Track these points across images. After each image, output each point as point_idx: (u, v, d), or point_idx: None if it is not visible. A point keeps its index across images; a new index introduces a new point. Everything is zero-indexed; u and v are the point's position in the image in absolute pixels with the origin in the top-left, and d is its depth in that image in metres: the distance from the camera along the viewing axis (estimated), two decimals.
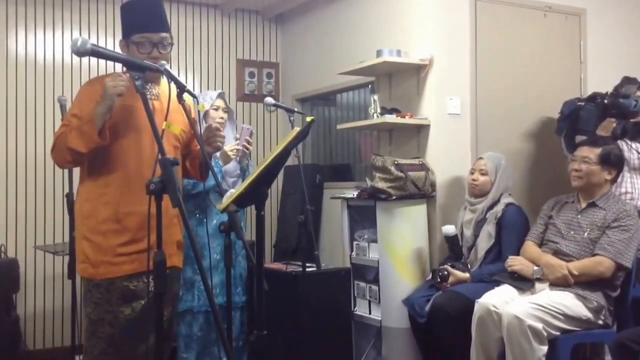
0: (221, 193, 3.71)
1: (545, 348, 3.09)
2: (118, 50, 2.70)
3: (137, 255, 2.51)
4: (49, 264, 4.86)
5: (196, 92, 5.09)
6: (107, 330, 2.56)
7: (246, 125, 3.90)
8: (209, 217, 3.71)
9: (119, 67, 2.74)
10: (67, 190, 3.92)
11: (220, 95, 3.97)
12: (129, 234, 2.53)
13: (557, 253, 3.41)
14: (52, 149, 2.59)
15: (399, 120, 4.09)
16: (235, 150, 3.76)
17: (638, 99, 3.73)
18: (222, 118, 3.90)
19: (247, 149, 3.81)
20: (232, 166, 3.86)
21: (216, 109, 3.89)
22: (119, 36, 2.70)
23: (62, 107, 3.95)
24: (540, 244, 3.53)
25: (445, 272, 3.62)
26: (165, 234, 2.60)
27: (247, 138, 3.80)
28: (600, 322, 3.26)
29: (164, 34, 2.62)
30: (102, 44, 4.95)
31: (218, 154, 3.76)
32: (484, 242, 3.69)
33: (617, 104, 3.78)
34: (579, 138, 3.85)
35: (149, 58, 2.54)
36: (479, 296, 3.33)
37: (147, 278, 2.56)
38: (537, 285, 3.37)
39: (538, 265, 3.38)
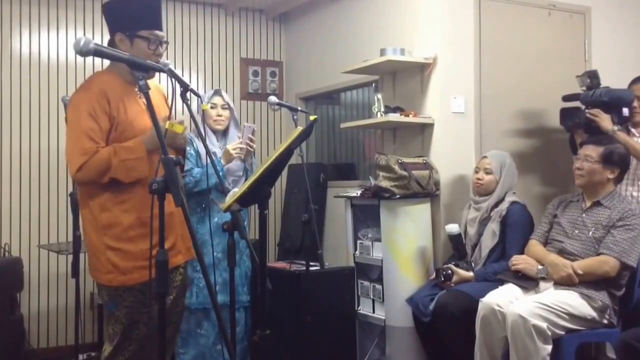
0: (223, 192, 3.72)
1: (549, 347, 3.08)
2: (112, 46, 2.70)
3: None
4: (52, 262, 4.87)
5: (200, 91, 5.10)
6: (142, 331, 2.58)
7: (248, 124, 3.87)
8: (210, 215, 3.71)
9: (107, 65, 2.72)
10: (70, 189, 3.93)
11: (217, 93, 3.94)
12: (156, 236, 2.52)
13: (561, 252, 3.40)
14: (80, 169, 2.49)
15: (402, 119, 4.08)
16: (238, 149, 3.74)
17: (595, 91, 3.75)
18: (220, 115, 3.87)
19: (251, 147, 3.78)
20: (235, 165, 3.85)
21: (213, 107, 3.87)
22: None
23: (66, 107, 3.95)
24: (545, 243, 3.52)
25: (449, 271, 3.62)
26: (182, 228, 2.64)
27: (250, 136, 3.76)
28: (605, 321, 3.25)
29: (164, 33, 2.66)
30: (105, 44, 4.94)
31: (221, 152, 3.76)
32: (488, 241, 3.68)
33: (581, 96, 3.85)
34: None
35: (154, 55, 2.57)
36: (483, 295, 3.32)
37: (174, 273, 2.69)
38: (542, 284, 3.36)
39: (542, 264, 3.37)
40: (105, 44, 2.30)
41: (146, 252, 2.53)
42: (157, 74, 2.44)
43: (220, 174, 3.65)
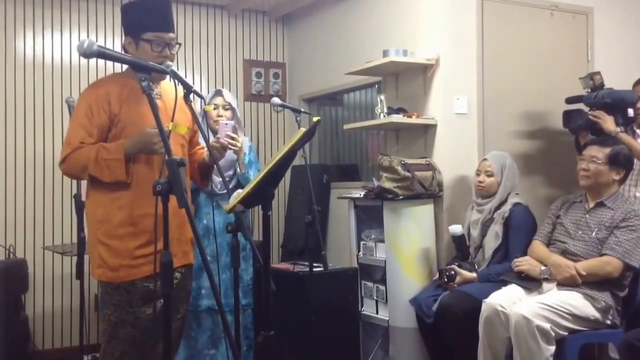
0: (208, 193, 3.72)
1: (553, 348, 3.08)
2: (122, 49, 2.72)
3: (157, 256, 2.53)
4: (57, 264, 4.89)
5: (203, 92, 5.10)
6: (129, 331, 2.58)
7: (225, 121, 3.75)
8: (198, 217, 3.71)
9: (125, 68, 2.73)
10: (75, 190, 3.94)
11: (218, 93, 3.93)
12: (145, 236, 2.54)
13: (564, 253, 3.40)
14: (63, 161, 2.58)
15: (405, 120, 4.08)
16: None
17: (598, 92, 3.76)
18: (220, 116, 3.85)
19: (234, 145, 3.71)
20: (225, 163, 3.81)
21: (215, 108, 3.86)
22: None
23: (70, 108, 3.97)
24: (548, 244, 3.52)
25: (452, 272, 3.62)
26: (178, 232, 2.65)
27: (229, 134, 3.66)
28: (608, 322, 3.25)
29: (173, 35, 2.65)
30: (109, 45, 4.97)
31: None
32: (491, 242, 3.68)
33: (584, 98, 3.86)
34: None
35: (160, 57, 2.58)
36: (486, 296, 3.32)
37: None
38: (545, 285, 3.36)
39: (546, 265, 3.37)
40: (109, 46, 2.32)
41: (133, 251, 2.56)
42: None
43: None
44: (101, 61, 4.75)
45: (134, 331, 2.57)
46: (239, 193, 2.38)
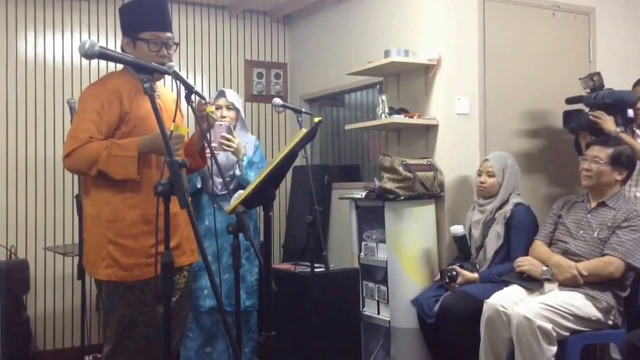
0: (209, 193, 3.73)
1: (554, 348, 3.08)
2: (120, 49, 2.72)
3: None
4: (58, 264, 4.88)
5: (204, 93, 5.11)
6: (142, 331, 2.57)
7: (219, 122, 3.64)
8: (200, 218, 3.71)
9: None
10: (76, 191, 3.94)
11: (221, 94, 3.91)
12: (159, 235, 2.54)
13: (566, 253, 3.39)
14: (68, 155, 2.54)
15: (407, 120, 4.08)
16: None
17: (598, 93, 3.76)
18: (224, 117, 3.83)
19: (229, 146, 3.60)
20: (228, 165, 3.81)
21: (218, 109, 3.85)
22: None
23: (72, 109, 3.97)
24: (550, 244, 3.52)
25: (454, 273, 3.62)
26: (188, 229, 2.64)
27: (224, 134, 3.57)
28: (610, 322, 3.25)
29: (170, 34, 2.65)
30: (110, 46, 4.97)
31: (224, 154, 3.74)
32: (493, 242, 3.68)
33: (584, 98, 3.87)
34: None
35: (157, 56, 2.58)
36: (488, 296, 3.32)
37: (178, 275, 2.65)
38: (546, 285, 3.36)
39: (547, 266, 3.37)
40: (110, 47, 2.32)
41: (148, 249, 2.55)
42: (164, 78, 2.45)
43: (197, 177, 3.65)
44: (102, 62, 4.76)
45: (147, 330, 2.56)
46: (240, 194, 2.38)
